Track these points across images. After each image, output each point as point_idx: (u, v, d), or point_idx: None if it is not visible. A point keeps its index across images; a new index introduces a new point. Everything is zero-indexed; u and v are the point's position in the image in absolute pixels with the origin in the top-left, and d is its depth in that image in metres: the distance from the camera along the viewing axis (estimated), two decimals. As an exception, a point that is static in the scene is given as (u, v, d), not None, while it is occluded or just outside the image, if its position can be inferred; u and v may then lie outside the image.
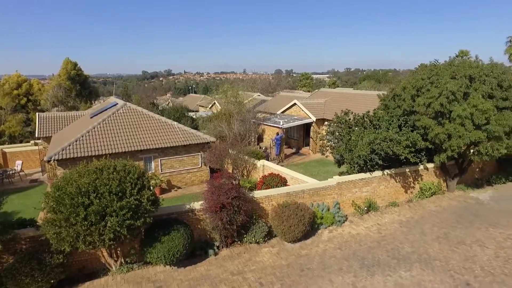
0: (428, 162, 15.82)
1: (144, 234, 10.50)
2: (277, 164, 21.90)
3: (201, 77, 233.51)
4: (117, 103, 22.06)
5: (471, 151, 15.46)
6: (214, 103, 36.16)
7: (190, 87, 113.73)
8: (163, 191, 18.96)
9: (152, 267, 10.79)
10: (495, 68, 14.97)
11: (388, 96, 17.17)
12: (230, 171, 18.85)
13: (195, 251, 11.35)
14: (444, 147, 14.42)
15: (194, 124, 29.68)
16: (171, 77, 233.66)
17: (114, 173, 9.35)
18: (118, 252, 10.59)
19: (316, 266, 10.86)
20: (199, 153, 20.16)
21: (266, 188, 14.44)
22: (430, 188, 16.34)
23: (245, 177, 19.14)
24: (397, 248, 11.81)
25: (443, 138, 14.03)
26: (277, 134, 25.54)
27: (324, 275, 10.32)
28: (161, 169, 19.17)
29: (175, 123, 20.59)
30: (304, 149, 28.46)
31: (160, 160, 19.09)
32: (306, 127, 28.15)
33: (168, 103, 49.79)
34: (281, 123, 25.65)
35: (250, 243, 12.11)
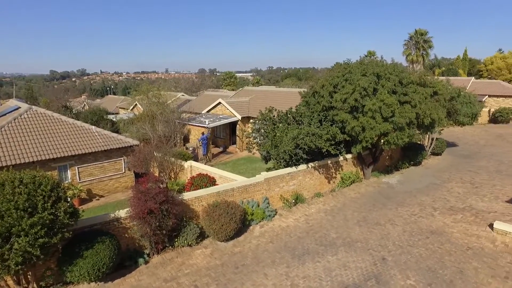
0: (347, 153, 17.18)
1: (61, 251, 9.46)
2: (205, 164, 21.67)
3: (120, 77, 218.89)
4: (19, 107, 19.52)
5: (382, 141, 17.21)
6: (136, 104, 34.24)
7: (108, 88, 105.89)
8: (83, 201, 17.40)
9: (74, 287, 9.81)
10: (396, 68, 16.90)
11: (308, 93, 18.19)
12: (157, 174, 18.08)
13: (124, 261, 10.63)
14: (359, 139, 15.81)
15: (114, 127, 27.78)
16: (85, 77, 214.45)
17: (21, 186, 8.24)
18: (28, 276, 9.20)
19: (250, 261, 11.03)
20: (122, 158, 18.95)
21: (195, 189, 14.17)
22: (349, 177, 17.78)
23: (172, 179, 18.55)
24: (324, 236, 12.61)
25: (358, 131, 15.38)
26: (203, 133, 25.27)
27: (259, 270, 10.53)
28: (79, 178, 17.55)
29: (93, 127, 19.02)
30: (231, 148, 28.67)
31: (78, 168, 17.47)
32: (232, 125, 28.36)
33: (84, 105, 45.70)
34: (206, 123, 25.43)
35: (183, 246, 11.78)
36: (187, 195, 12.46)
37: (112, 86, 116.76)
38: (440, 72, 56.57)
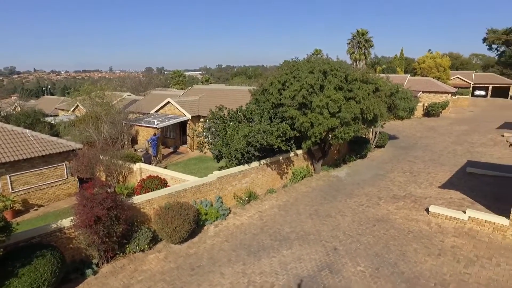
0: (297, 149, 17.64)
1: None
2: (155, 165, 20.99)
3: (58, 76, 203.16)
4: None
5: (330, 136, 17.91)
6: (77, 105, 32.06)
7: (44, 88, 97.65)
8: (18, 213, 15.91)
9: (12, 306, 8.93)
10: (341, 65, 17.67)
11: (258, 91, 18.36)
12: (104, 179, 17.14)
13: (69, 275, 9.90)
14: (309, 134, 16.30)
15: (54, 130, 25.78)
16: (15, 76, 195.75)
17: None
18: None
19: (206, 262, 10.89)
20: (63, 163, 17.64)
21: (145, 192, 13.64)
22: (300, 172, 18.28)
23: (121, 183, 17.71)
24: (278, 231, 12.85)
25: (307, 126, 15.85)
26: (155, 134, 24.42)
27: (215, 270, 10.44)
28: (11, 188, 16.00)
29: (27, 130, 17.43)
30: (182, 148, 28.06)
31: (9, 176, 15.91)
32: (182, 125, 27.76)
33: (15, 107, 41.72)
34: (155, 123, 24.60)
35: (134, 252, 11.29)
36: (137, 199, 11.96)
37: (49, 86, 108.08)
38: (381, 70, 60.37)
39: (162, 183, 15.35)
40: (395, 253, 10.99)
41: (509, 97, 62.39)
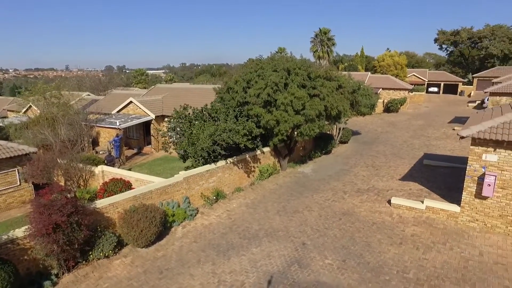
0: (263, 146, 17.73)
1: None
2: (119, 167, 20.26)
3: (6, 75, 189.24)
4: None
5: (295, 133, 18.17)
6: (30, 106, 30.08)
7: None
8: (-34, 223, 14.69)
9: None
10: (305, 63, 17.97)
11: (223, 89, 18.24)
12: (62, 183, 16.26)
13: (25, 288, 9.28)
14: (275, 132, 16.44)
15: (3, 133, 24.06)
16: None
17: None
18: None
19: (175, 264, 10.67)
20: (15, 169, 16.51)
21: (109, 196, 13.11)
22: (267, 169, 18.41)
23: (82, 187, 16.89)
24: (247, 229, 12.86)
25: (273, 124, 15.97)
26: (117, 135, 23.51)
27: (184, 271, 10.26)
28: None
29: (-28, 134, 16.10)
30: (147, 148, 27.28)
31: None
32: (146, 125, 26.98)
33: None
34: (117, 124, 23.71)
35: (98, 259, 10.81)
36: (100, 203, 11.46)
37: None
38: (343, 67, 62.27)
39: (126, 185, 14.83)
40: (360, 245, 11.38)
41: (458, 93, 66.72)
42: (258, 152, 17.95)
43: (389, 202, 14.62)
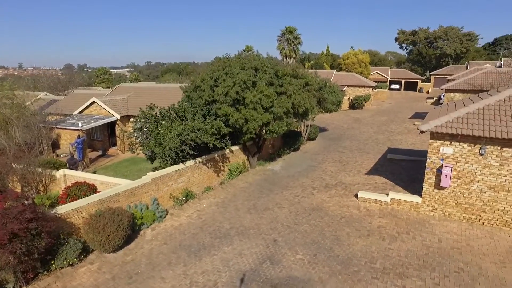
0: (232, 145, 17.68)
1: None
2: (82, 170, 19.42)
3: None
4: None
5: (264, 131, 18.27)
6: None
7: None
8: None
9: None
10: (272, 61, 18.11)
11: (190, 88, 17.97)
12: (19, 190, 15.34)
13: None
14: (243, 130, 16.43)
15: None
16: None
17: None
18: None
19: (145, 268, 10.40)
20: (-34, 175, 15.32)
21: (72, 200, 12.50)
22: (237, 168, 18.38)
23: (42, 193, 16.01)
24: (218, 228, 12.78)
25: (241, 123, 15.96)
26: (78, 137, 22.48)
27: (155, 275, 10.02)
28: None
29: None
30: (112, 150, 26.33)
31: None
32: (111, 126, 26.03)
33: None
34: (80, 125, 22.70)
35: (62, 268, 10.28)
36: (63, 208, 10.90)
37: None
38: (309, 66, 63.31)
39: (91, 189, 14.23)
40: (330, 239, 11.67)
41: (417, 90, 70.11)
42: (227, 151, 17.88)
43: (356, 196, 15.10)
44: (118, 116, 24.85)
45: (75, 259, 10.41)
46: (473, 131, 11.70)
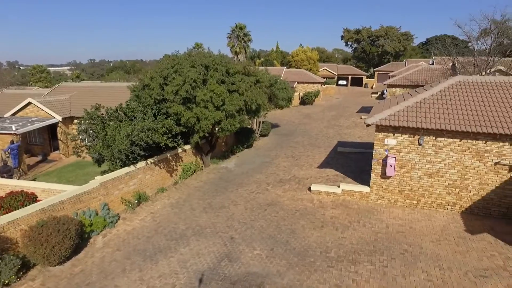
0: (185, 144, 17.32)
1: None
2: (19, 178, 17.87)
3: None
4: None
5: (216, 129, 18.13)
6: None
7: None
8: None
9: None
10: (223, 59, 17.98)
11: (138, 86, 17.29)
12: None
13: None
14: (195, 129, 16.17)
15: None
16: None
17: None
18: None
19: (97, 277, 9.83)
20: None
21: (6, 213, 11.39)
22: (190, 167, 18.05)
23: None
24: (174, 229, 12.47)
25: (193, 121, 15.69)
26: (11, 142, 20.57)
27: (108, 283, 9.52)
28: None
29: None
30: (54, 155, 24.51)
31: None
32: (51, 128, 24.19)
33: None
34: (13, 128, 20.78)
35: (-2, 287, 9.33)
36: (-3, 221, 9.91)
37: None
38: (260, 63, 64.04)
39: (30, 198, 13.10)
40: (286, 232, 11.92)
41: (363, 85, 74.04)
42: (180, 150, 17.49)
43: (309, 189, 15.58)
44: (59, 118, 23.17)
45: (12, 277, 9.46)
46: (412, 123, 12.63)
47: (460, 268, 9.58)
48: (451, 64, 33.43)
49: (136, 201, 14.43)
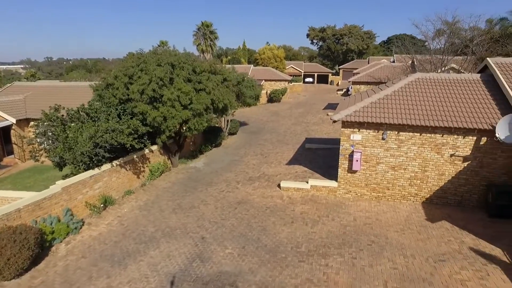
0: (152, 144, 16.91)
1: None
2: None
3: None
4: None
5: (184, 128, 17.84)
6: None
7: None
8: None
9: None
10: (189, 57, 17.71)
11: (101, 86, 16.62)
12: None
13: None
14: (162, 129, 15.82)
15: None
16: None
17: None
18: None
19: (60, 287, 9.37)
20: None
21: (-41, 222, 10.60)
22: (158, 168, 17.65)
23: None
24: (143, 232, 12.14)
25: (160, 121, 15.33)
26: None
27: (71, 293, 9.10)
28: None
29: None
30: (8, 159, 23.00)
31: None
32: (4, 132, 22.68)
33: None
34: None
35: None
36: None
37: None
38: (227, 61, 63.72)
39: (-17, 206, 12.23)
40: (257, 230, 11.98)
41: (329, 83, 75.84)
42: (147, 151, 17.04)
43: (279, 186, 15.74)
44: (13, 120, 21.80)
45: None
46: (376, 118, 13.11)
47: (422, 255, 10.09)
48: (410, 62, 35.06)
49: (102, 205, 13.90)
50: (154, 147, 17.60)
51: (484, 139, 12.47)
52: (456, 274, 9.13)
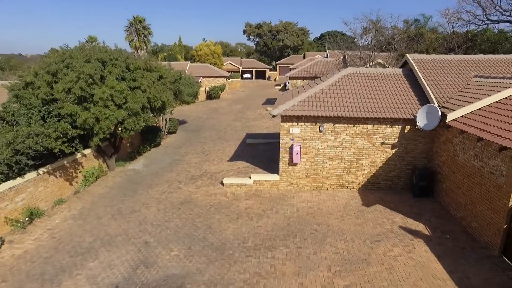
0: (84, 148, 15.70)
1: None
2: None
3: None
4: None
5: (120, 129, 16.83)
6: None
7: None
8: None
9: None
10: (121, 54, 16.70)
11: (18, 85, 14.92)
12: None
13: None
14: (95, 131, 14.72)
15: None
16: None
17: None
18: None
19: (-21, 315, 8.27)
20: None
21: None
22: (93, 173, 16.44)
23: None
24: (78, 244, 11.22)
25: (92, 123, 14.25)
26: None
27: (-5, 319, 8.09)
28: None
29: None
30: None
31: None
32: None
33: None
34: None
35: None
36: None
37: None
38: (163, 57, 61.37)
39: None
40: (202, 229, 11.79)
41: (266, 78, 77.32)
42: (79, 155, 15.77)
43: (222, 183, 15.66)
44: None
45: None
46: (313, 112, 13.67)
47: (360, 238, 10.83)
48: (342, 57, 37.19)
49: (26, 219, 12.50)
50: (87, 151, 16.35)
51: (407, 128, 13.73)
52: (389, 252, 9.97)
